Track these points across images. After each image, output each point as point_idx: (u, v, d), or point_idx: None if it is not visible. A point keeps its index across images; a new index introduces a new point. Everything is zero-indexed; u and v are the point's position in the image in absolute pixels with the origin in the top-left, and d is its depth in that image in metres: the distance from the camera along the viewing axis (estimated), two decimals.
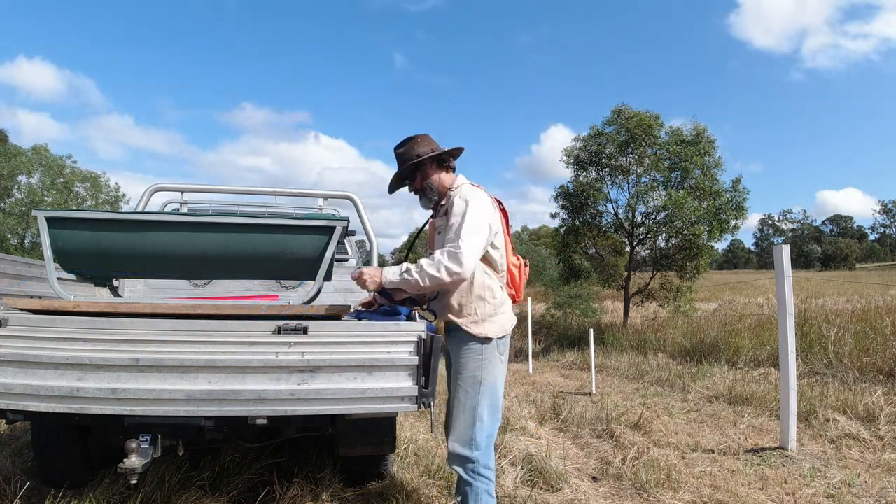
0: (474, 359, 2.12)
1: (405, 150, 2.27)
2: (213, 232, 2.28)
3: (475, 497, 2.10)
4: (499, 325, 2.16)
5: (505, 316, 2.20)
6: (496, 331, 2.14)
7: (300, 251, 2.30)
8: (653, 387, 6.11)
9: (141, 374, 1.78)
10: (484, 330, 2.12)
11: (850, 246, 63.80)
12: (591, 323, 12.16)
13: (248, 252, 2.31)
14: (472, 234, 2.03)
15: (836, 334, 5.98)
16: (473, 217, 2.06)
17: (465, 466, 2.10)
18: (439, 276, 1.99)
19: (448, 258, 2.00)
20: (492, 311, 2.15)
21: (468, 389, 2.11)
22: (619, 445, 3.61)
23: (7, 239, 23.67)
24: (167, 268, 2.46)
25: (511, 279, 2.31)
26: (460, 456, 2.10)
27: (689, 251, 11.64)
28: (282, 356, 1.83)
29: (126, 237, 2.25)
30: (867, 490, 2.81)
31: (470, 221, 2.05)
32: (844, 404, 4.21)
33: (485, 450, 2.11)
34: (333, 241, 2.28)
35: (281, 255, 2.31)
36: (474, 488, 2.10)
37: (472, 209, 2.08)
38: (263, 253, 2.31)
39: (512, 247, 2.36)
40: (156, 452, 1.96)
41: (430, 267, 2.01)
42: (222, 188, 4.40)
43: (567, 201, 12.69)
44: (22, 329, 1.79)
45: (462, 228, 2.03)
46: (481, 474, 2.10)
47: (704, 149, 11.48)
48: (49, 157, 25.49)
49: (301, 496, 2.55)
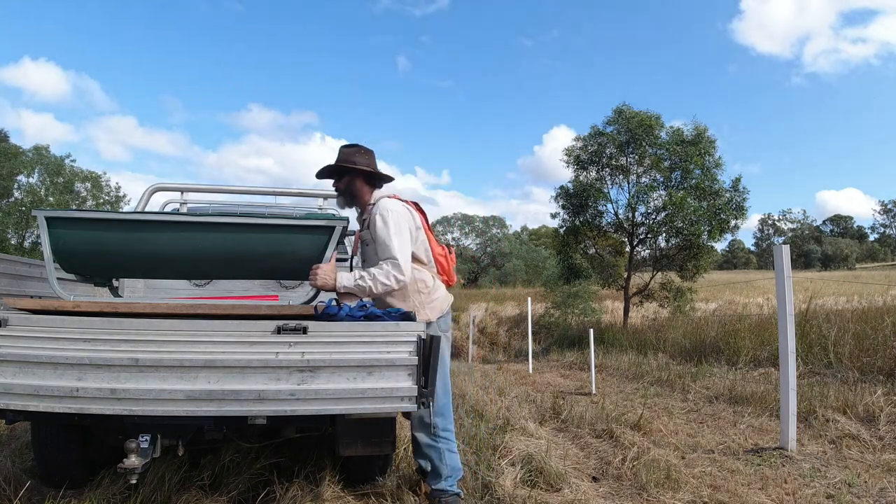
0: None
1: (349, 153, 2.54)
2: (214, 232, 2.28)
3: (439, 455, 2.47)
4: (436, 308, 2.51)
5: (440, 300, 2.54)
6: (435, 313, 2.50)
7: (300, 251, 2.31)
8: (653, 387, 6.11)
9: (140, 374, 1.78)
10: (425, 315, 2.44)
11: (850, 246, 63.77)
12: (591, 323, 12.15)
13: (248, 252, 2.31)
14: (401, 243, 2.34)
15: (837, 334, 5.98)
16: (396, 227, 2.36)
17: (425, 431, 2.47)
18: (389, 284, 2.29)
19: (393, 268, 2.28)
20: (427, 300, 2.49)
21: None
22: (619, 445, 3.60)
23: (7, 239, 23.67)
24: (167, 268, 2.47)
25: (440, 267, 2.64)
26: (423, 422, 2.46)
27: (690, 251, 11.64)
28: (281, 356, 1.83)
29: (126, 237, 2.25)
30: (867, 490, 2.81)
31: (395, 231, 2.35)
32: (844, 404, 4.21)
33: (441, 416, 2.47)
34: (333, 240, 2.31)
35: (281, 255, 2.32)
36: (437, 448, 2.47)
37: (392, 221, 2.36)
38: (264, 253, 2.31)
39: (434, 239, 2.66)
40: (155, 452, 1.96)
41: (381, 276, 2.27)
42: (222, 188, 4.41)
43: (567, 201, 12.68)
44: (22, 329, 1.79)
45: (392, 239, 2.32)
46: (441, 436, 2.47)
47: (705, 149, 11.47)
48: (49, 156, 25.50)
49: (301, 496, 2.55)
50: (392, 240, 2.32)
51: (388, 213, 2.37)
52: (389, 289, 2.30)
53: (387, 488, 2.70)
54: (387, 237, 2.32)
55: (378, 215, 2.38)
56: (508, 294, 23.78)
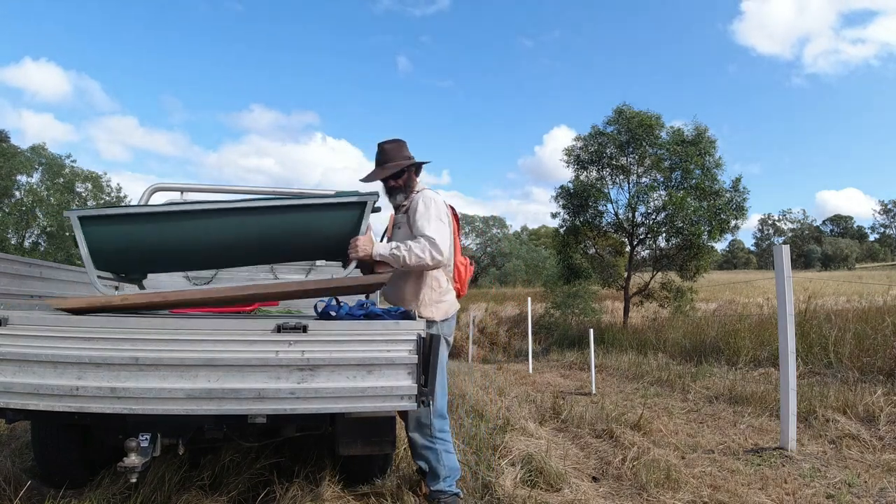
0: None
1: (396, 148, 2.56)
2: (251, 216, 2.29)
3: (436, 456, 2.48)
4: (443, 309, 2.52)
5: (448, 303, 2.56)
6: (440, 314, 2.50)
7: (336, 227, 2.36)
8: (653, 387, 6.11)
9: (140, 373, 1.78)
10: (430, 313, 2.46)
11: (850, 246, 63.71)
12: (591, 323, 12.15)
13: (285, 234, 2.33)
14: (440, 228, 2.38)
15: (837, 334, 5.98)
16: (437, 214, 2.42)
17: (422, 432, 2.47)
18: (423, 258, 2.31)
19: (430, 244, 2.32)
20: (437, 298, 2.50)
21: None
22: (619, 445, 3.60)
23: (7, 239, 23.66)
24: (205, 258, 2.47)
25: (457, 274, 2.66)
26: (420, 423, 2.47)
27: (690, 251, 11.64)
28: (281, 354, 1.83)
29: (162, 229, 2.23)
30: (867, 490, 2.81)
31: (435, 216, 2.41)
32: (844, 404, 4.21)
33: (439, 417, 2.49)
34: (366, 214, 2.36)
35: (318, 234, 2.37)
36: (434, 450, 2.48)
37: (434, 208, 2.43)
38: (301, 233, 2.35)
39: (460, 248, 2.73)
40: (155, 451, 1.96)
41: (416, 248, 2.31)
42: (223, 188, 4.40)
43: (568, 201, 12.69)
44: (22, 328, 1.79)
45: (431, 222, 2.38)
46: (438, 437, 2.48)
47: (705, 149, 11.48)
48: (48, 156, 25.49)
49: (301, 496, 2.55)
50: (431, 222, 2.38)
51: (432, 201, 2.46)
52: (423, 263, 2.32)
53: (387, 488, 2.70)
54: (426, 219, 2.39)
55: (421, 201, 2.45)
56: (508, 294, 23.77)
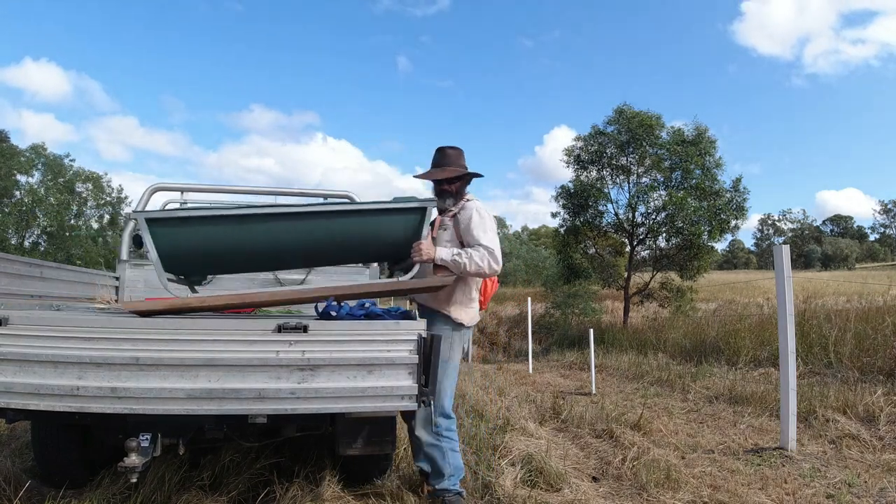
0: (445, 342, 2.48)
1: (456, 156, 2.70)
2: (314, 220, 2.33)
3: (442, 454, 2.51)
4: (471, 315, 2.63)
5: (475, 310, 2.67)
6: (468, 319, 2.61)
7: (398, 231, 2.42)
8: (653, 387, 6.11)
9: (141, 373, 1.78)
10: (461, 316, 2.57)
11: (850, 246, 63.70)
12: (591, 323, 12.15)
13: (347, 237, 2.38)
14: (495, 239, 2.50)
15: (837, 334, 5.98)
16: (491, 225, 2.55)
17: (428, 430, 2.51)
18: (482, 266, 2.42)
19: (490, 255, 2.43)
20: (469, 303, 2.62)
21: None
22: (619, 445, 3.60)
23: (7, 239, 23.66)
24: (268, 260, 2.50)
25: (483, 287, 2.75)
26: (425, 422, 2.50)
27: (690, 251, 11.64)
28: (282, 354, 1.83)
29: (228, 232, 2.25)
30: (867, 490, 2.81)
31: (490, 228, 2.53)
32: (844, 404, 4.21)
33: (444, 418, 2.53)
34: (427, 219, 2.41)
35: (380, 237, 2.42)
36: (440, 448, 2.51)
37: (488, 219, 2.56)
38: (364, 237, 2.40)
39: None
40: (156, 451, 1.96)
41: (479, 259, 2.42)
42: (223, 188, 4.41)
43: (568, 201, 12.69)
44: (22, 328, 1.79)
45: (488, 232, 2.50)
46: (444, 436, 2.52)
47: (705, 149, 11.48)
48: (49, 157, 25.48)
49: (301, 496, 2.55)
50: (488, 233, 2.51)
51: (485, 213, 2.59)
52: (481, 271, 2.44)
53: (387, 488, 2.70)
54: (483, 230, 2.50)
55: (475, 211, 2.56)
56: (508, 294, 23.76)
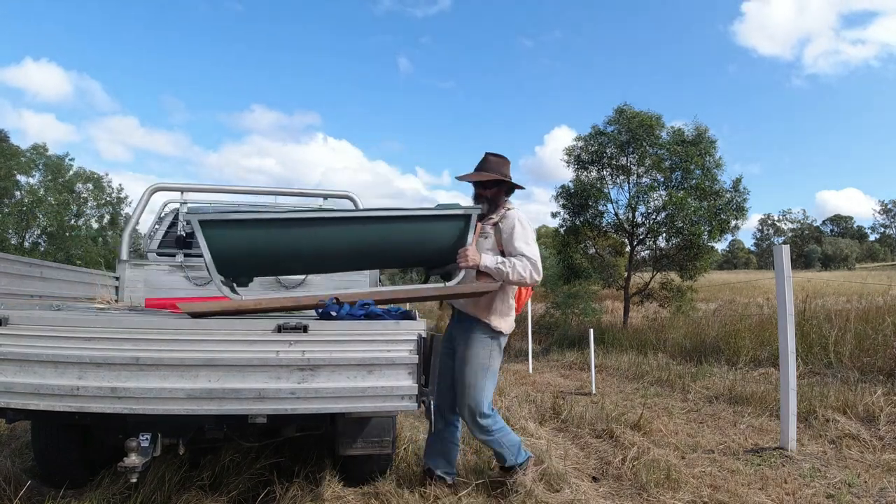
0: (485, 349, 2.64)
1: (499, 163, 2.76)
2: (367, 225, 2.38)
3: (499, 444, 2.71)
4: (509, 323, 2.71)
5: (512, 318, 2.75)
6: (507, 327, 2.69)
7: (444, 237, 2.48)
8: (653, 387, 6.11)
9: (141, 373, 1.78)
10: (500, 325, 2.65)
11: (850, 246, 63.67)
12: (591, 323, 12.13)
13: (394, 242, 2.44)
14: (536, 251, 2.59)
15: (837, 334, 5.97)
16: (534, 237, 2.66)
17: (481, 430, 2.66)
18: (524, 276, 2.50)
19: (532, 265, 2.52)
20: (507, 312, 2.70)
21: (477, 373, 2.62)
22: (619, 445, 3.60)
23: (7, 239, 23.65)
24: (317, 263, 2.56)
25: (518, 294, 2.80)
26: (476, 424, 2.65)
27: (690, 251, 11.63)
28: (282, 354, 1.83)
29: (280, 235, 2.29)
30: (867, 490, 2.81)
31: (532, 239, 2.63)
32: (844, 404, 4.20)
33: (491, 416, 2.67)
34: (472, 226, 2.47)
35: (425, 243, 2.48)
36: (496, 440, 2.70)
37: (530, 230, 2.66)
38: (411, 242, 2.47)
39: None
40: (156, 451, 1.96)
41: (521, 269, 2.50)
42: (223, 188, 4.41)
43: (568, 201, 12.67)
44: (22, 328, 1.79)
45: (530, 244, 2.59)
46: (494, 429, 2.68)
47: (705, 149, 11.46)
48: (49, 157, 25.47)
49: (301, 496, 2.55)
50: (530, 244, 2.59)
51: (527, 223, 2.68)
52: (523, 280, 2.52)
53: (387, 488, 2.70)
54: (525, 240, 2.59)
55: (517, 221, 2.65)
56: None
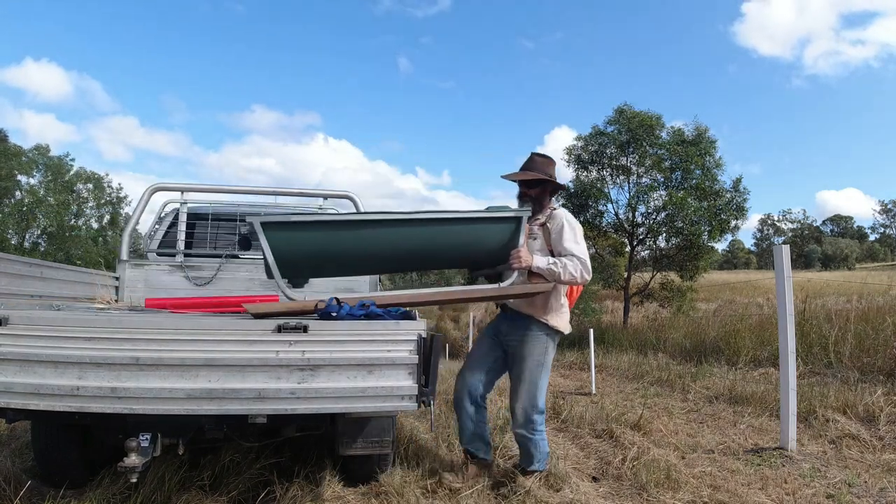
0: (540, 347, 2.70)
1: (544, 163, 2.80)
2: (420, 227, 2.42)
3: (535, 446, 2.74)
4: (565, 321, 2.77)
5: (567, 316, 2.81)
6: (563, 325, 2.75)
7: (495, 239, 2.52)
8: (653, 387, 6.11)
9: (141, 373, 1.78)
10: (557, 323, 2.71)
11: (850, 246, 63.65)
12: (591, 323, 12.14)
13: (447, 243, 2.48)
14: (586, 250, 2.65)
15: (837, 334, 5.97)
16: (582, 237, 2.71)
17: (528, 427, 2.70)
18: (575, 276, 2.56)
19: (583, 265, 2.58)
20: (561, 309, 2.75)
21: (533, 370, 2.70)
22: (619, 445, 3.60)
23: (7, 239, 23.64)
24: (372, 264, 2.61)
25: (569, 292, 2.86)
26: (528, 420, 2.69)
27: (690, 251, 11.64)
28: (282, 354, 1.83)
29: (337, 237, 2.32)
30: (867, 490, 2.81)
31: (581, 240, 2.68)
32: (844, 404, 4.20)
33: (541, 413, 2.74)
34: (522, 228, 2.51)
35: (477, 244, 2.52)
36: (534, 441, 2.73)
37: (578, 231, 2.71)
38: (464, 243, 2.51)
39: None
40: (156, 451, 1.96)
41: (572, 268, 2.56)
42: (223, 188, 4.41)
43: (568, 201, 12.68)
44: (22, 328, 1.79)
45: (580, 244, 2.65)
46: (538, 430, 2.73)
47: (705, 149, 11.47)
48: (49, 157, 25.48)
49: (301, 496, 2.55)
50: (580, 244, 2.66)
51: (575, 223, 2.73)
52: (574, 280, 2.58)
53: (387, 488, 2.70)
54: (574, 241, 2.65)
55: (566, 221, 2.70)
56: None
